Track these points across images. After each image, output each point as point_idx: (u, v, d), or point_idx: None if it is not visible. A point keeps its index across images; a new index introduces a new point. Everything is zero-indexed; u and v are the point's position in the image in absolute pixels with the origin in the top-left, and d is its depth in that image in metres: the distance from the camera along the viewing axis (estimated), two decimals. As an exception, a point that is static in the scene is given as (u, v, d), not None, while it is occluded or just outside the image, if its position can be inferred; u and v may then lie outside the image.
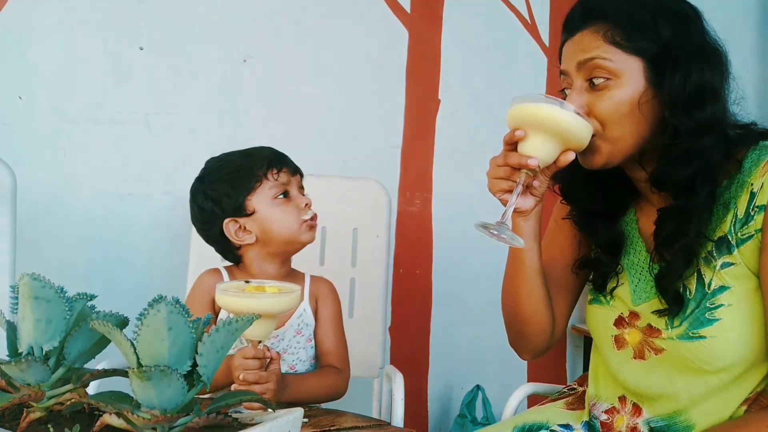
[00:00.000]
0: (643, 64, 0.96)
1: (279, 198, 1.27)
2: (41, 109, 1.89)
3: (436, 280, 2.22)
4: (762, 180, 0.94)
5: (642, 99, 0.96)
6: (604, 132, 0.98)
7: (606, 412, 1.11)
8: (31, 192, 1.82)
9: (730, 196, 0.97)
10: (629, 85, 0.96)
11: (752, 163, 0.97)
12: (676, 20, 0.98)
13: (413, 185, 2.23)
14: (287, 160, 1.31)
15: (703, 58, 0.96)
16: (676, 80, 0.94)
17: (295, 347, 1.28)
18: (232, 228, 1.27)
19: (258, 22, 2.06)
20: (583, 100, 0.98)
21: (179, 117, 1.99)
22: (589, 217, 1.12)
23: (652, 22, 0.97)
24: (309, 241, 1.29)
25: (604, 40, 0.97)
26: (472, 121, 2.25)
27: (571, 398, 1.22)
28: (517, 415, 1.24)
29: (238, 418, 0.73)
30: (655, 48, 0.96)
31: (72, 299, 0.78)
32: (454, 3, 2.24)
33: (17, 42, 1.87)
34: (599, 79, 0.97)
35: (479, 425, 2.14)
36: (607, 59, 0.96)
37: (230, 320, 0.72)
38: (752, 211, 0.95)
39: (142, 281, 1.92)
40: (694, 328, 0.97)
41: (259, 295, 1.01)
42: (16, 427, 0.71)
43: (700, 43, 0.98)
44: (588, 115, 0.98)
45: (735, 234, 0.96)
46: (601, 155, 0.99)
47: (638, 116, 0.97)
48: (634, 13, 0.98)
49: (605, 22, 0.98)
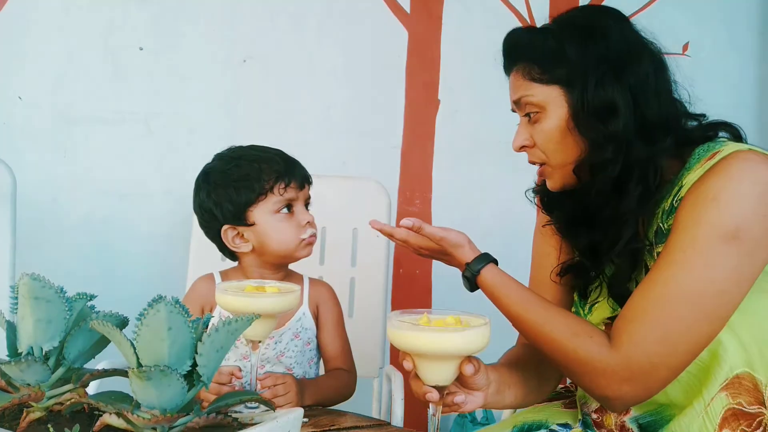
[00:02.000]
0: (562, 90, 1.00)
1: (281, 213, 1.25)
2: (41, 109, 1.89)
3: (435, 281, 2.22)
4: (693, 176, 0.96)
5: (569, 124, 1.00)
6: (549, 161, 1.05)
7: (595, 411, 1.11)
8: (31, 192, 1.82)
9: (666, 192, 1.00)
10: (554, 113, 1.01)
11: (696, 160, 0.98)
12: (582, 38, 1.00)
13: (413, 185, 2.23)
14: (297, 172, 1.27)
15: (604, 69, 0.97)
16: (575, 99, 0.99)
17: (292, 350, 1.28)
18: (230, 234, 1.25)
19: (258, 22, 2.06)
20: (526, 134, 1.05)
21: (179, 117, 1.99)
22: (569, 223, 1.14)
23: (559, 48, 1.00)
24: (305, 256, 1.28)
25: (524, 79, 1.03)
26: (472, 121, 2.25)
27: (568, 400, 1.22)
28: (516, 414, 1.24)
29: (238, 418, 0.73)
30: (566, 71, 1.00)
31: (72, 299, 0.78)
32: (454, 3, 2.24)
33: (17, 42, 1.87)
34: (531, 114, 1.03)
35: (479, 425, 2.14)
36: (529, 95, 1.02)
37: (230, 320, 0.72)
38: (675, 202, 0.97)
39: (141, 281, 1.92)
40: None
41: (259, 295, 1.01)
42: (16, 427, 0.71)
43: (603, 55, 0.99)
44: (534, 147, 1.05)
45: (664, 223, 0.99)
46: (555, 180, 1.06)
47: (572, 139, 1.01)
48: (541, 44, 1.02)
49: (523, 61, 1.04)
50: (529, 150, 1.07)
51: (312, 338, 1.31)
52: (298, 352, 1.28)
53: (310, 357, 1.31)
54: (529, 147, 1.06)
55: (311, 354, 1.31)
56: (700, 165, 0.97)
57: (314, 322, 1.33)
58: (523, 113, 1.05)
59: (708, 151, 0.98)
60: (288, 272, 1.34)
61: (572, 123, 1.00)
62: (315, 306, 1.33)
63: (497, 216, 2.22)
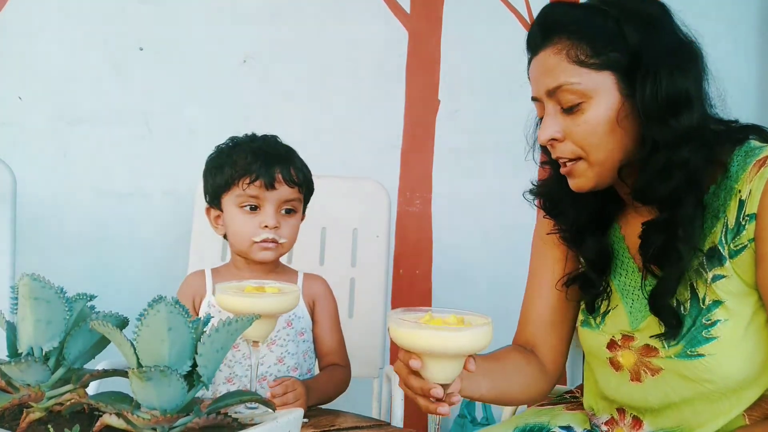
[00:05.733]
0: (615, 77, 0.90)
1: (244, 207, 1.25)
2: (41, 109, 1.89)
3: (435, 281, 2.22)
4: (750, 186, 0.89)
5: (620, 114, 0.90)
6: (588, 156, 0.93)
7: (606, 423, 1.08)
8: (31, 192, 1.82)
9: (719, 204, 0.92)
10: (603, 103, 0.90)
11: (738, 167, 0.91)
12: (643, 24, 0.91)
13: (413, 185, 2.23)
14: (267, 172, 1.24)
15: (673, 61, 0.89)
16: (647, 90, 0.88)
17: (284, 339, 1.27)
18: (212, 214, 1.32)
19: (258, 22, 2.06)
20: (559, 126, 0.94)
21: (179, 117, 1.99)
22: (576, 231, 1.06)
23: (617, 31, 0.90)
24: (264, 260, 1.27)
25: (568, 61, 0.91)
26: (472, 121, 2.25)
27: (572, 405, 1.20)
28: (517, 415, 1.23)
29: (238, 418, 0.73)
30: (624, 58, 0.90)
31: (72, 299, 0.78)
32: (454, 3, 2.24)
33: (17, 42, 1.87)
34: (571, 103, 0.91)
35: (479, 425, 2.14)
36: (575, 83, 0.90)
37: (230, 320, 0.72)
38: (743, 220, 0.89)
39: (141, 281, 1.92)
40: (692, 347, 0.93)
41: (259, 295, 1.00)
42: (16, 427, 0.71)
43: (670, 45, 0.91)
44: (565, 140, 0.94)
45: (727, 245, 0.91)
46: (588, 179, 0.95)
47: (620, 133, 0.91)
48: (596, 23, 0.91)
49: (567, 39, 0.91)
50: (558, 144, 0.95)
51: (306, 329, 1.31)
52: (289, 342, 1.28)
53: (304, 349, 1.31)
54: (560, 140, 0.95)
55: (306, 346, 1.31)
56: (750, 173, 0.89)
57: (310, 316, 1.33)
58: (559, 102, 0.93)
59: (749, 156, 0.91)
60: (280, 267, 1.34)
61: (624, 114, 0.90)
62: (311, 300, 1.34)
63: (497, 216, 2.22)
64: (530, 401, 1.16)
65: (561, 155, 0.96)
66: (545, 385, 1.13)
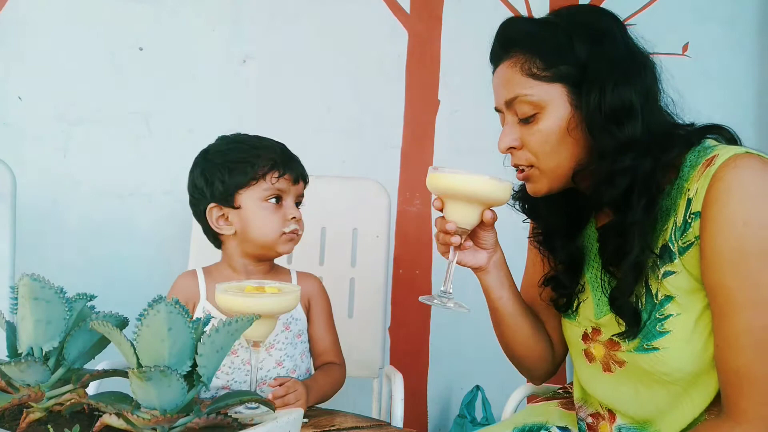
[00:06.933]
0: (566, 89, 0.96)
1: (269, 201, 1.26)
2: (41, 109, 1.89)
3: (435, 281, 2.22)
4: (696, 185, 0.91)
5: (570, 125, 0.96)
6: (540, 164, 1.00)
7: (592, 416, 1.11)
8: (31, 192, 1.82)
9: (671, 203, 0.95)
10: (555, 114, 0.96)
11: (690, 167, 0.94)
12: (592, 37, 0.95)
13: (413, 185, 2.23)
14: (294, 166, 1.29)
15: (619, 73, 0.93)
16: (591, 102, 0.93)
17: (283, 342, 1.27)
18: (215, 214, 1.27)
19: (258, 22, 2.06)
20: (516, 135, 1.01)
21: (179, 117, 1.99)
22: (549, 235, 1.12)
23: (567, 44, 0.95)
24: (286, 252, 1.28)
25: (522, 74, 0.97)
26: (472, 121, 2.25)
27: (565, 400, 1.22)
28: (515, 415, 1.24)
29: (238, 418, 0.73)
30: (574, 71, 0.95)
31: (72, 300, 0.78)
32: (453, 3, 2.24)
33: (17, 42, 1.87)
34: (526, 114, 0.98)
35: (479, 425, 2.14)
36: (528, 94, 0.97)
37: (230, 320, 0.72)
38: (689, 218, 0.91)
39: (142, 281, 1.92)
40: (648, 340, 0.96)
41: (259, 295, 1.00)
42: (16, 427, 0.71)
43: (618, 58, 0.95)
44: (522, 148, 1.00)
45: (676, 242, 0.93)
46: (542, 185, 1.02)
47: (570, 142, 0.97)
48: (548, 37, 0.97)
49: (522, 53, 0.98)
50: (516, 152, 1.02)
51: (303, 330, 1.31)
52: (288, 345, 1.28)
53: (302, 350, 1.31)
54: (517, 148, 1.01)
55: (303, 347, 1.31)
56: (698, 172, 0.92)
57: (306, 315, 1.33)
58: (516, 113, 0.99)
59: (700, 156, 0.93)
60: (274, 266, 1.34)
61: (573, 125, 0.95)
62: (306, 299, 1.34)
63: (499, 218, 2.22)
64: (532, 367, 1.20)
65: (518, 162, 1.03)
66: (549, 357, 1.18)
